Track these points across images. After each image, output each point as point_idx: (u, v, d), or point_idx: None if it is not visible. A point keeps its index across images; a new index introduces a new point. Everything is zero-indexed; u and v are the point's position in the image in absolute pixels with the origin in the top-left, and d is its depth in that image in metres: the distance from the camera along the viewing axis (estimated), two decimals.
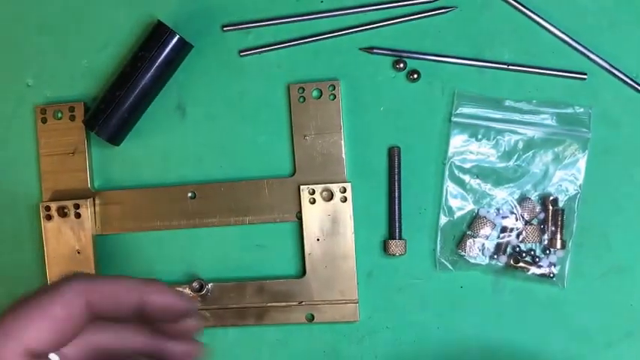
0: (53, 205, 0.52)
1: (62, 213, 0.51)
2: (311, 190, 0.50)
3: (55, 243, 0.52)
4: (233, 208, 0.52)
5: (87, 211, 0.51)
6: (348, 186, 0.50)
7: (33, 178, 0.53)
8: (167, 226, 0.52)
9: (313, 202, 0.50)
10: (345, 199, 0.50)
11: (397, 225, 0.51)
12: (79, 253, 0.52)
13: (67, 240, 0.52)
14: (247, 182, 0.51)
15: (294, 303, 0.51)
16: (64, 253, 0.52)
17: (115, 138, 0.51)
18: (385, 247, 0.51)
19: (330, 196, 0.50)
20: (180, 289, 0.51)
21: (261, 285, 0.51)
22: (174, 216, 0.52)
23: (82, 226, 0.52)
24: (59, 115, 0.53)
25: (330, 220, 0.50)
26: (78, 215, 0.52)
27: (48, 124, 0.53)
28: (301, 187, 0.50)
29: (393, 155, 0.51)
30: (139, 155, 0.53)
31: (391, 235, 0.51)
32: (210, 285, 0.51)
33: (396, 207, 0.51)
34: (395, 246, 0.50)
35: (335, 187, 0.50)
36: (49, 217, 0.52)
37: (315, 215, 0.50)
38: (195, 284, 0.51)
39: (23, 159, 0.53)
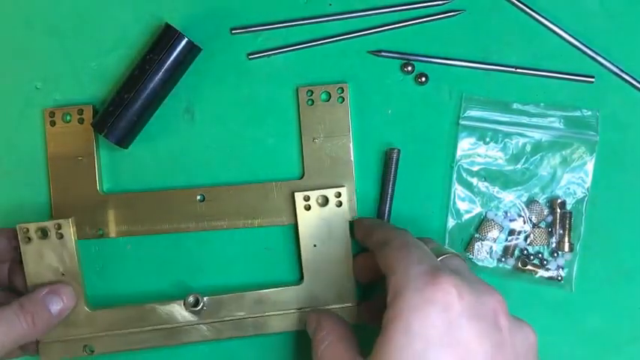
0: (32, 227, 0.50)
1: (42, 235, 0.50)
2: (306, 197, 0.50)
3: (35, 266, 0.50)
4: (242, 211, 0.52)
5: (69, 230, 0.50)
6: (343, 190, 0.50)
7: (42, 182, 0.53)
8: (176, 229, 0.52)
9: (308, 208, 0.50)
10: (340, 204, 0.50)
11: None
12: (63, 275, 0.50)
13: (49, 263, 0.50)
14: (256, 185, 0.52)
15: (292, 310, 0.50)
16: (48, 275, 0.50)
17: (124, 141, 0.51)
18: None
19: (325, 202, 0.50)
20: (176, 304, 0.50)
21: (259, 296, 0.50)
22: (183, 219, 0.52)
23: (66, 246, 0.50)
24: (68, 118, 0.53)
25: (327, 225, 0.50)
26: (60, 236, 0.50)
27: (56, 127, 0.53)
28: (296, 194, 0.50)
29: (392, 157, 0.51)
30: (148, 158, 0.53)
31: None
32: (206, 299, 0.50)
33: (387, 207, 0.51)
34: None
35: (330, 193, 0.50)
36: (28, 240, 0.50)
37: (311, 221, 0.50)
38: (190, 299, 0.50)
39: (32, 162, 0.53)
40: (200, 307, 0.50)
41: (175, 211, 0.52)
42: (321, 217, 0.50)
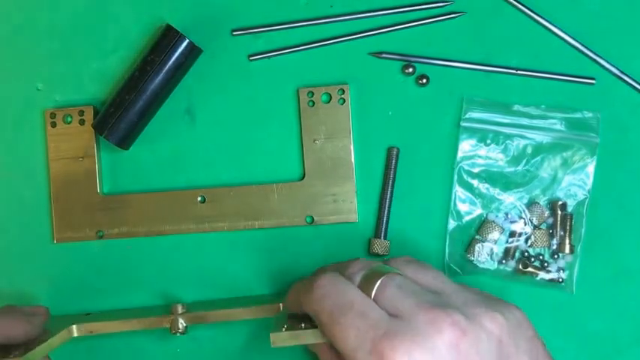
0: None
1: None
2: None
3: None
4: (242, 213, 0.52)
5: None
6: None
7: (42, 183, 0.53)
8: (176, 230, 0.52)
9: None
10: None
11: (384, 223, 0.50)
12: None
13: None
14: (257, 186, 0.51)
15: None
16: None
17: (124, 142, 0.51)
18: (369, 246, 0.51)
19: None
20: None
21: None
22: (183, 220, 0.52)
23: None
24: (69, 119, 0.53)
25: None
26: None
27: (57, 129, 0.53)
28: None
29: (391, 156, 0.51)
30: (148, 159, 0.53)
31: (377, 234, 0.51)
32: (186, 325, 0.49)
33: (387, 209, 0.51)
34: (378, 245, 0.50)
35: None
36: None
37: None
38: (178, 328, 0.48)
39: (32, 163, 0.53)
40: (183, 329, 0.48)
41: (176, 212, 0.52)
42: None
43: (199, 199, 0.52)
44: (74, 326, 0.48)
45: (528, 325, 0.38)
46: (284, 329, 0.41)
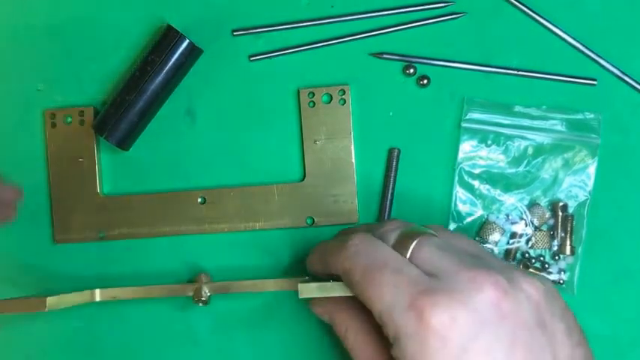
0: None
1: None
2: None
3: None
4: (243, 214, 0.51)
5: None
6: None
7: (42, 183, 0.53)
8: (176, 231, 0.52)
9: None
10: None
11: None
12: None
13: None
14: (257, 187, 0.51)
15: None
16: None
17: (125, 143, 0.50)
18: None
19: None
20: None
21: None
22: (183, 221, 0.52)
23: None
24: (69, 119, 0.53)
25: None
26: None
27: (57, 129, 0.53)
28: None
29: (392, 156, 0.50)
30: (149, 160, 0.53)
31: None
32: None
33: (388, 210, 0.50)
34: None
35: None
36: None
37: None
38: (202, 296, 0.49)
39: (32, 164, 0.53)
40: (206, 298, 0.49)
41: (176, 213, 0.52)
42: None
43: (200, 200, 0.52)
44: (97, 290, 0.50)
45: (560, 296, 0.38)
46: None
